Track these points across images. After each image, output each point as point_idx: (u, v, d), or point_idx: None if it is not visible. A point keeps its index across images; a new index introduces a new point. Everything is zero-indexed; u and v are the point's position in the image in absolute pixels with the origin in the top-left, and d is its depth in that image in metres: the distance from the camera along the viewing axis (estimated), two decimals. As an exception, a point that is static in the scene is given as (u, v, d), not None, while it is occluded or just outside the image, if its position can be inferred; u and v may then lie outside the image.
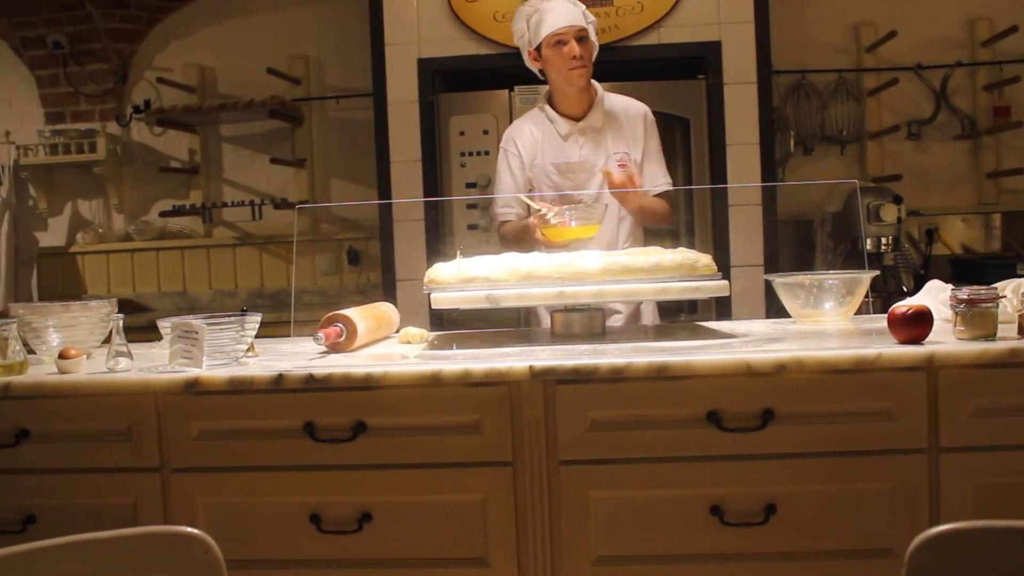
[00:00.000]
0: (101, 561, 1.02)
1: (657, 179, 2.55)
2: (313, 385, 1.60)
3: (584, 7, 2.49)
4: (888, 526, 1.56)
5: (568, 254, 1.96)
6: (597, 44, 2.51)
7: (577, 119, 2.52)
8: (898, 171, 3.99)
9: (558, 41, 2.42)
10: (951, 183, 4.13)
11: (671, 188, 2.57)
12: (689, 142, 3.42)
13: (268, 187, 4.38)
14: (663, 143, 2.60)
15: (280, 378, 1.60)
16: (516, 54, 2.57)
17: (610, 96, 2.57)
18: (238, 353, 1.76)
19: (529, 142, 2.56)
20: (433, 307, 1.85)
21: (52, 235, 4.49)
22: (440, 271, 1.90)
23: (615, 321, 2.52)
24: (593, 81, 2.54)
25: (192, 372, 1.64)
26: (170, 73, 4.34)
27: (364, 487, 1.62)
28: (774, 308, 2.38)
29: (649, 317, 2.63)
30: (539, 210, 2.29)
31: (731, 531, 1.57)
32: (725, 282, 1.86)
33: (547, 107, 2.56)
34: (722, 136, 3.34)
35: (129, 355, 1.72)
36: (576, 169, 2.51)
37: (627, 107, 2.57)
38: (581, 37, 2.42)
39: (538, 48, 2.47)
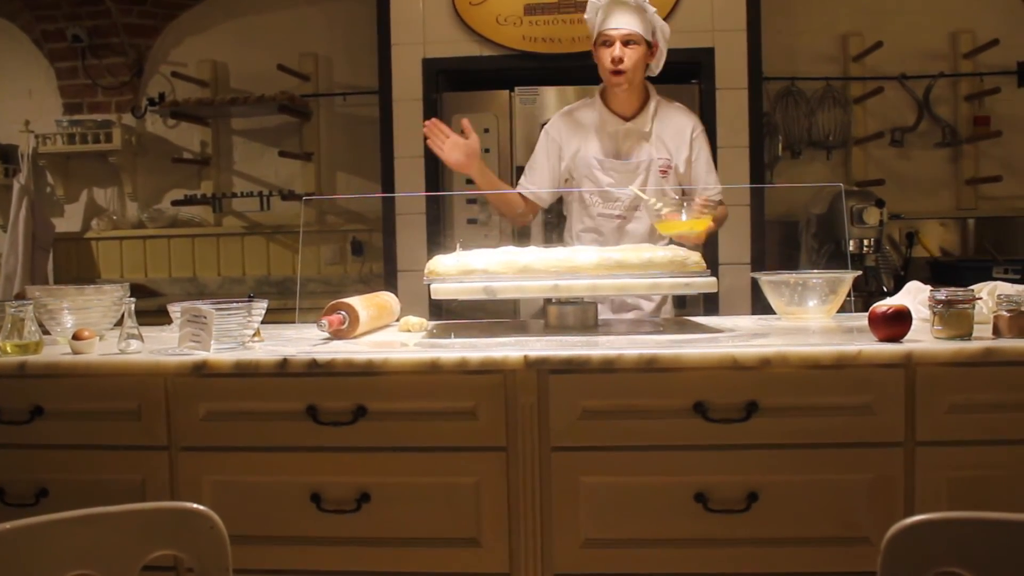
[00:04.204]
0: (110, 534, 1.03)
1: (709, 186, 2.55)
2: (316, 370, 1.62)
3: (653, 12, 2.46)
4: (865, 516, 1.58)
5: (564, 249, 1.98)
6: (663, 51, 2.49)
7: (626, 118, 2.52)
8: (881, 176, 4.03)
9: (604, 41, 2.43)
10: (931, 189, 4.18)
11: (720, 196, 2.54)
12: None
13: (276, 179, 4.43)
14: None
15: (285, 363, 1.63)
16: (517, 56, 2.57)
17: (663, 102, 2.56)
18: (245, 338, 1.78)
19: (573, 132, 2.56)
20: (433, 297, 1.89)
21: (68, 221, 4.55)
22: (440, 263, 1.93)
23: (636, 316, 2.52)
24: (649, 84, 2.55)
25: (200, 355, 1.66)
26: (184, 68, 4.39)
27: (363, 469, 1.65)
28: (760, 305, 2.39)
29: (670, 314, 2.62)
30: (650, 200, 2.30)
31: (714, 517, 1.59)
32: (713, 279, 1.89)
33: (599, 101, 2.55)
34: (713, 139, 3.30)
35: (140, 337, 1.74)
36: (620, 169, 2.52)
37: (677, 116, 2.57)
38: (629, 41, 2.40)
39: (595, 42, 2.48)
